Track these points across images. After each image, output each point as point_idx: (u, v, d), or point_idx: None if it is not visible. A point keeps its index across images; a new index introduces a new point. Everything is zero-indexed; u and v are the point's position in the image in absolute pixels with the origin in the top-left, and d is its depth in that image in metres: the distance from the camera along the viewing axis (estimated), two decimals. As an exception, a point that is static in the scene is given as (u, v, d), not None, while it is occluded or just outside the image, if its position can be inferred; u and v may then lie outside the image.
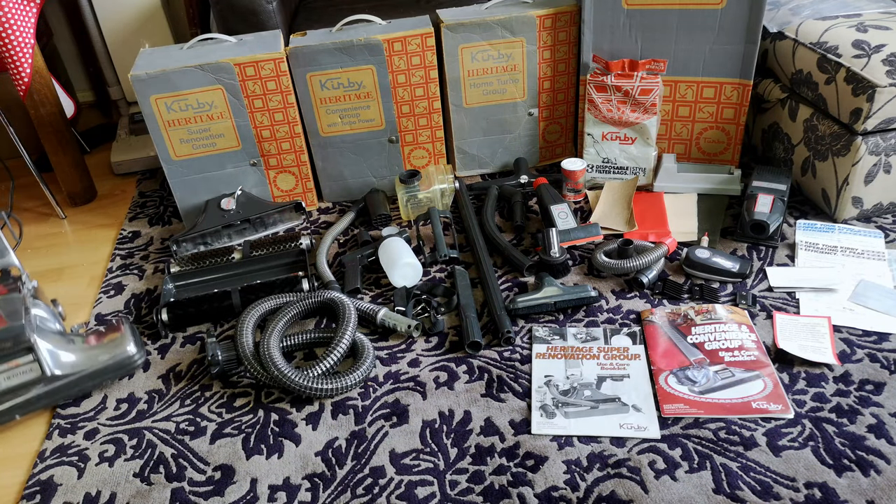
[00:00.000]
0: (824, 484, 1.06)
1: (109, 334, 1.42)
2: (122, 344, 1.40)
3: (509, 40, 1.76)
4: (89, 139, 2.45)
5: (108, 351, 1.39)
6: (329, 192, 1.92)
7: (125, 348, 1.39)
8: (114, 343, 1.40)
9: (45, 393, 1.32)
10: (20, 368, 1.30)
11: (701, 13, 1.63)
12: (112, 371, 1.38)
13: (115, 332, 1.42)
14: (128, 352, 1.39)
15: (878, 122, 1.47)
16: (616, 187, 1.79)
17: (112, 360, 1.37)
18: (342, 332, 1.36)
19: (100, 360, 1.37)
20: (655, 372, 1.28)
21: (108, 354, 1.38)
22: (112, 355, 1.38)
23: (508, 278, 1.56)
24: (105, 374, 1.37)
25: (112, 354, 1.38)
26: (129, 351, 1.39)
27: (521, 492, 1.10)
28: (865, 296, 1.40)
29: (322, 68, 1.71)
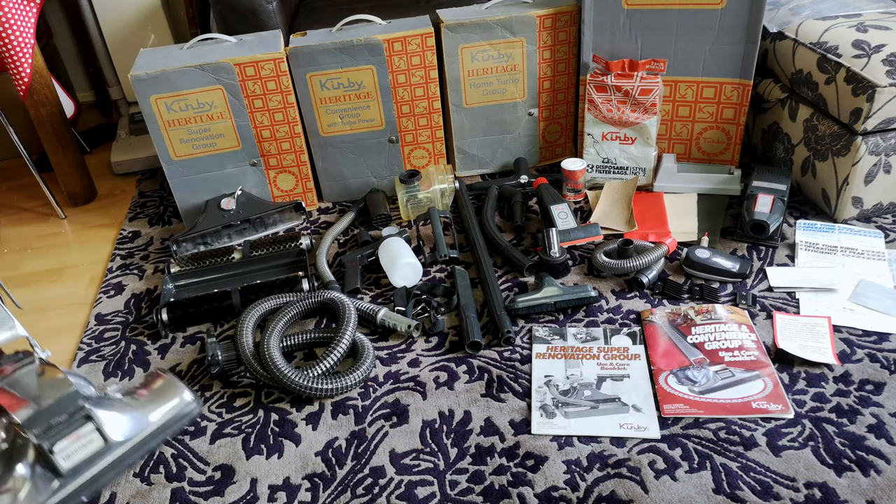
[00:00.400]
0: (824, 484, 1.06)
1: (155, 384, 1.27)
2: (175, 392, 1.25)
3: (509, 40, 1.76)
4: (89, 139, 2.45)
5: (163, 403, 1.23)
6: (329, 192, 1.92)
7: (181, 396, 1.25)
8: (166, 393, 1.25)
9: (112, 464, 1.14)
10: (80, 442, 1.11)
11: (701, 13, 1.63)
12: (174, 423, 1.23)
13: (158, 379, 1.28)
14: (185, 399, 1.25)
15: (878, 122, 1.47)
16: (616, 187, 1.79)
17: (172, 412, 1.22)
18: (342, 332, 1.36)
19: (159, 415, 1.21)
20: (655, 372, 1.28)
21: (166, 406, 1.23)
22: (171, 407, 1.23)
23: (508, 278, 1.56)
24: (168, 429, 1.22)
25: (171, 406, 1.23)
26: (186, 398, 1.25)
27: (521, 492, 1.10)
28: (865, 296, 1.40)
29: (322, 68, 1.71)
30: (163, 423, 1.20)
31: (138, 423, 1.18)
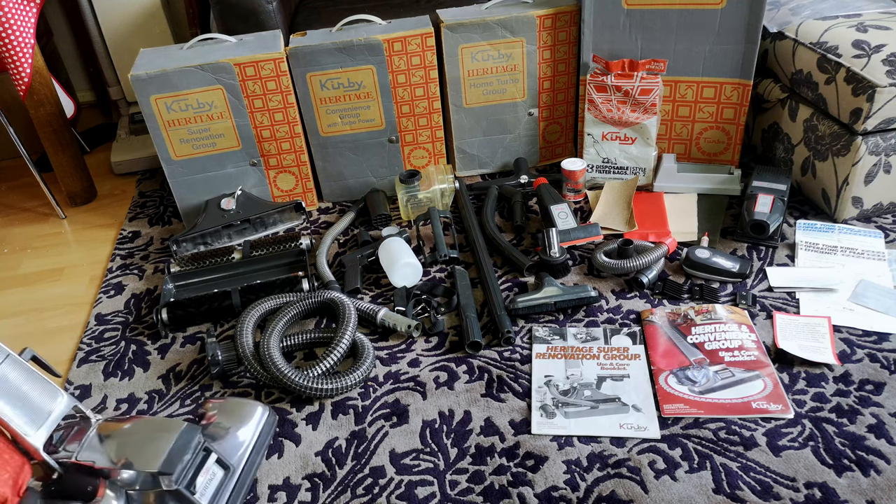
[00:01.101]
0: (824, 484, 1.06)
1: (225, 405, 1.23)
2: (251, 408, 1.21)
3: (509, 40, 1.76)
4: (89, 139, 2.45)
5: (245, 422, 1.19)
6: (329, 192, 1.92)
7: (257, 409, 1.21)
8: (243, 411, 1.21)
9: (234, 490, 1.11)
10: (207, 476, 1.07)
11: (701, 13, 1.63)
12: (264, 438, 1.20)
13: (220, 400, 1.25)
14: (263, 412, 1.22)
15: (878, 122, 1.47)
16: (616, 187, 1.79)
17: (258, 429, 1.19)
18: (342, 331, 1.36)
19: (249, 434, 1.17)
20: (655, 372, 1.28)
21: (251, 425, 1.19)
22: (255, 423, 1.19)
23: (508, 278, 1.56)
24: (262, 445, 1.20)
25: (255, 423, 1.19)
26: (263, 412, 1.22)
27: (521, 492, 1.10)
28: (865, 296, 1.40)
29: (322, 68, 1.71)
30: (255, 441, 1.17)
31: (236, 445, 1.14)
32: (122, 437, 1.08)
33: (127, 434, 1.08)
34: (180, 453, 1.03)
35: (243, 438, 1.16)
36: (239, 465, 1.12)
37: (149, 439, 1.05)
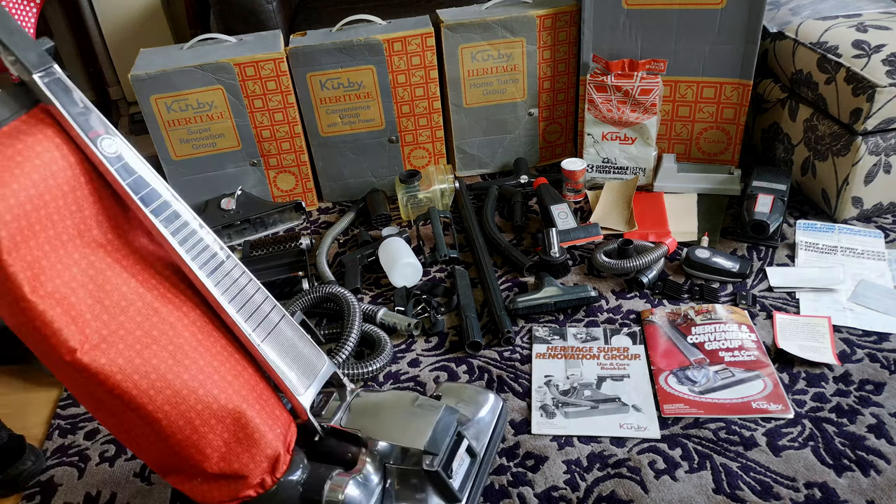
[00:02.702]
0: (824, 484, 1.06)
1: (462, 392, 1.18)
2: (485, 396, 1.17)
3: (509, 40, 1.76)
4: (89, 139, 2.45)
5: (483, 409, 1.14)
6: (329, 192, 1.92)
7: (490, 397, 1.16)
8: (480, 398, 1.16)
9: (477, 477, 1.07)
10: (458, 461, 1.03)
11: (701, 13, 1.63)
12: (500, 428, 1.16)
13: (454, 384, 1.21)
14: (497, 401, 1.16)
15: (878, 122, 1.47)
16: (616, 187, 1.79)
17: (496, 417, 1.14)
18: (350, 325, 1.36)
19: (489, 422, 1.13)
20: (655, 372, 1.28)
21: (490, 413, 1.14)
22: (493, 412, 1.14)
23: (508, 278, 1.56)
24: (499, 436, 1.14)
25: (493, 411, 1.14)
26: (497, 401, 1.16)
27: (521, 492, 1.10)
28: (865, 296, 1.40)
29: (322, 68, 1.71)
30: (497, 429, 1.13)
31: (479, 432, 1.10)
32: (381, 409, 1.06)
33: (386, 408, 1.06)
34: (444, 434, 1.01)
35: (484, 426, 1.12)
36: (482, 453, 1.09)
37: (411, 415, 1.03)
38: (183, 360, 0.88)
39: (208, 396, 0.89)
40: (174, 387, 0.87)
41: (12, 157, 0.81)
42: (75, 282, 0.84)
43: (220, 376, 0.91)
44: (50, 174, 0.83)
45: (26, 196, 0.80)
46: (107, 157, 0.87)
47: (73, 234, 0.85)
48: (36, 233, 0.81)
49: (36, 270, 0.80)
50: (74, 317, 0.82)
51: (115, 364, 0.84)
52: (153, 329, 0.88)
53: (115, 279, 0.87)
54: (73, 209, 0.85)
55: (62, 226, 0.84)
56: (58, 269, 0.83)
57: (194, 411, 0.88)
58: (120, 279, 0.88)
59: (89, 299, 0.84)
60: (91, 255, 0.86)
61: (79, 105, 0.86)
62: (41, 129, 0.84)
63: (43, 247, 0.82)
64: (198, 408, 0.88)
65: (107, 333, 0.84)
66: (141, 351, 0.86)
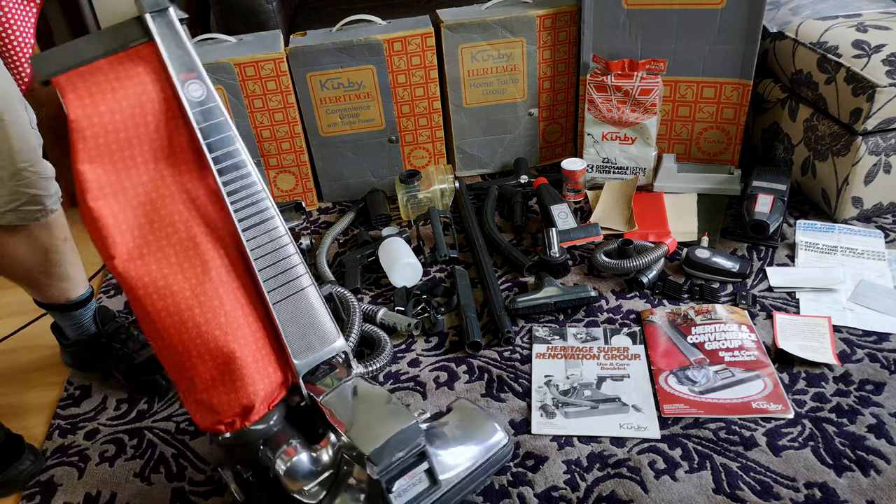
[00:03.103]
0: (824, 484, 1.06)
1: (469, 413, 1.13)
2: (488, 430, 1.10)
3: (509, 40, 1.76)
4: (89, 139, 2.45)
5: (478, 440, 1.08)
6: (329, 192, 1.92)
7: (496, 434, 1.09)
8: (480, 427, 1.10)
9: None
10: (412, 481, 1.00)
11: (701, 13, 1.63)
12: (491, 467, 1.08)
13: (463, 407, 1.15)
14: (501, 439, 1.09)
15: (878, 122, 1.47)
16: (616, 187, 1.79)
17: (489, 454, 1.07)
18: (351, 324, 1.36)
19: (474, 457, 1.07)
20: (655, 372, 1.28)
21: (482, 445, 1.08)
22: (486, 446, 1.08)
23: (508, 278, 1.56)
24: (484, 473, 1.08)
25: (486, 445, 1.08)
26: (501, 438, 1.09)
27: (521, 492, 1.10)
28: (865, 296, 1.40)
29: (322, 68, 1.71)
30: (481, 465, 1.07)
31: (459, 463, 1.05)
32: (362, 402, 1.06)
33: (367, 402, 1.06)
34: (395, 448, 0.98)
35: (466, 457, 1.06)
36: (448, 484, 1.03)
37: (378, 419, 1.02)
38: (200, 296, 0.98)
39: (209, 335, 0.98)
40: (183, 316, 0.97)
41: (108, 83, 0.92)
42: (136, 200, 0.96)
43: (227, 321, 0.99)
44: (138, 104, 0.94)
45: (111, 119, 0.92)
46: (189, 100, 0.97)
47: (148, 159, 0.96)
48: (112, 151, 0.93)
49: (103, 182, 0.93)
50: (123, 230, 0.95)
51: (142, 280, 0.95)
52: (186, 261, 0.98)
53: (171, 207, 0.98)
54: (154, 137, 0.96)
55: (139, 150, 0.95)
56: (124, 185, 0.95)
57: (193, 343, 0.97)
58: (175, 208, 0.98)
59: (142, 218, 0.96)
60: (158, 181, 0.97)
61: (180, 48, 0.96)
62: (143, 64, 0.94)
63: (116, 164, 0.94)
64: (197, 341, 0.97)
65: (146, 251, 0.96)
66: (168, 275, 0.97)
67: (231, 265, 1.01)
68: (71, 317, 1.35)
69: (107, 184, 0.94)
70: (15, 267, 1.21)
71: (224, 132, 1.00)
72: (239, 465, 1.05)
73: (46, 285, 1.27)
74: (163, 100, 0.96)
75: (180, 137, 0.98)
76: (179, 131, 0.98)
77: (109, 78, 0.93)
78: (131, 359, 1.35)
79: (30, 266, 1.22)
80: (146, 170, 0.97)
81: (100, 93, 0.92)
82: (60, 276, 1.28)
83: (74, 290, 1.32)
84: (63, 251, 1.26)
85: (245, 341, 1.01)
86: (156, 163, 0.97)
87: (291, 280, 1.05)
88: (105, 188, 0.94)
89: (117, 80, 0.93)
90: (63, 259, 1.26)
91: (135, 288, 0.95)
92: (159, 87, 0.96)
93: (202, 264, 0.99)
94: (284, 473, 1.01)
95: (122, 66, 0.94)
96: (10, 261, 1.20)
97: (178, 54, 0.96)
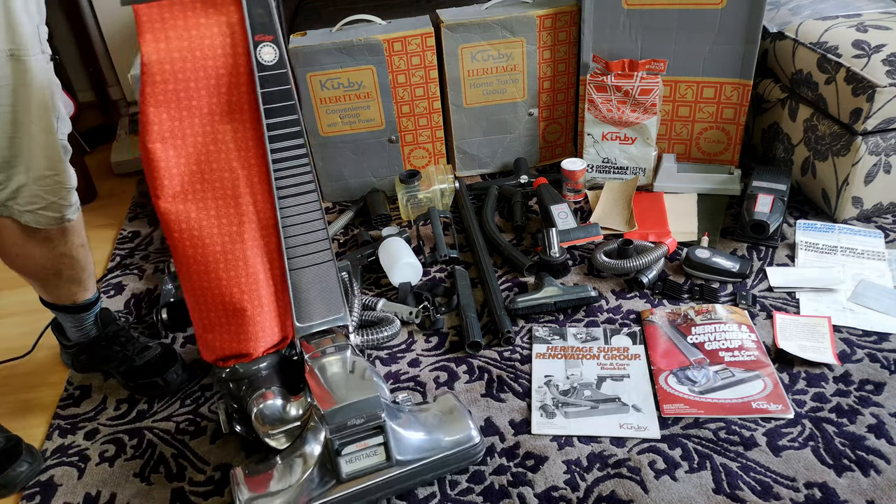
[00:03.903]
0: (824, 484, 1.06)
1: (445, 406, 1.16)
2: (462, 426, 1.12)
3: (509, 40, 1.76)
4: (89, 139, 2.45)
5: (449, 433, 1.11)
6: (329, 192, 1.92)
7: (468, 433, 1.12)
8: (454, 423, 1.13)
9: (388, 482, 1.07)
10: (366, 451, 1.06)
11: (701, 13, 1.63)
12: (454, 462, 1.11)
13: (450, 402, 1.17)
14: (472, 438, 1.12)
15: (878, 122, 1.47)
16: (616, 187, 1.79)
17: (456, 449, 1.10)
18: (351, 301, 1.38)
19: (442, 447, 1.10)
20: (655, 372, 1.28)
21: (451, 439, 1.11)
22: (455, 440, 1.11)
23: (508, 278, 1.56)
24: (446, 466, 1.11)
25: (455, 439, 1.11)
26: (473, 437, 1.12)
27: (521, 492, 1.10)
28: (865, 296, 1.40)
29: (322, 68, 1.71)
30: (444, 456, 1.10)
31: (422, 449, 1.09)
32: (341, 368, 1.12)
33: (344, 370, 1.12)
34: (350, 413, 1.04)
35: (427, 448, 1.10)
36: (404, 466, 1.07)
37: (345, 386, 1.08)
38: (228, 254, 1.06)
39: (227, 290, 1.07)
40: (209, 267, 1.06)
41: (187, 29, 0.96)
42: (193, 147, 1.01)
43: (247, 281, 1.08)
44: (212, 55, 0.98)
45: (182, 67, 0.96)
46: (258, 62, 1.00)
47: (214, 111, 1.01)
48: (179, 98, 0.98)
49: (164, 127, 0.98)
50: (173, 174, 1.00)
51: (180, 224, 1.03)
52: (224, 217, 1.05)
53: (224, 162, 1.03)
54: (222, 91, 1.00)
55: (206, 100, 1.00)
56: (184, 132, 1.00)
57: (212, 293, 1.07)
58: (226, 164, 1.04)
59: (194, 166, 1.02)
60: (217, 134, 1.02)
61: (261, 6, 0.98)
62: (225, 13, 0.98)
63: (181, 111, 0.99)
64: (215, 292, 1.07)
65: (190, 198, 1.03)
66: (204, 226, 1.04)
67: (264, 227, 1.08)
68: (74, 318, 1.35)
69: (168, 129, 0.98)
70: (28, 265, 1.22)
71: (287, 100, 1.03)
72: (231, 399, 1.16)
73: (56, 286, 1.28)
74: (235, 55, 0.99)
75: (245, 96, 1.02)
76: (245, 89, 1.02)
77: (189, 23, 0.95)
78: (131, 361, 1.35)
79: (43, 266, 1.23)
80: (209, 121, 1.01)
81: (176, 38, 0.95)
82: (72, 279, 1.28)
83: (83, 294, 1.32)
84: (77, 257, 1.26)
85: (258, 301, 1.10)
86: (220, 115, 1.01)
87: (314, 252, 1.12)
88: (165, 132, 0.98)
89: (196, 28, 0.96)
90: (76, 264, 1.27)
91: (173, 229, 1.03)
92: (235, 41, 0.98)
93: (238, 223, 1.06)
94: (255, 414, 1.10)
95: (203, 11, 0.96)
96: (24, 259, 1.20)
97: (259, 14, 0.98)
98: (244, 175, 1.05)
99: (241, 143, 1.04)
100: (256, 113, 1.03)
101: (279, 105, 1.03)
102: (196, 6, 0.96)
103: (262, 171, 1.06)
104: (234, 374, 1.13)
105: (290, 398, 1.13)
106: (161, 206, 1.01)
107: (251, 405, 1.11)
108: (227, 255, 1.06)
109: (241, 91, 1.02)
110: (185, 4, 0.95)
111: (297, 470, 1.05)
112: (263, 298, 1.10)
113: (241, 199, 1.05)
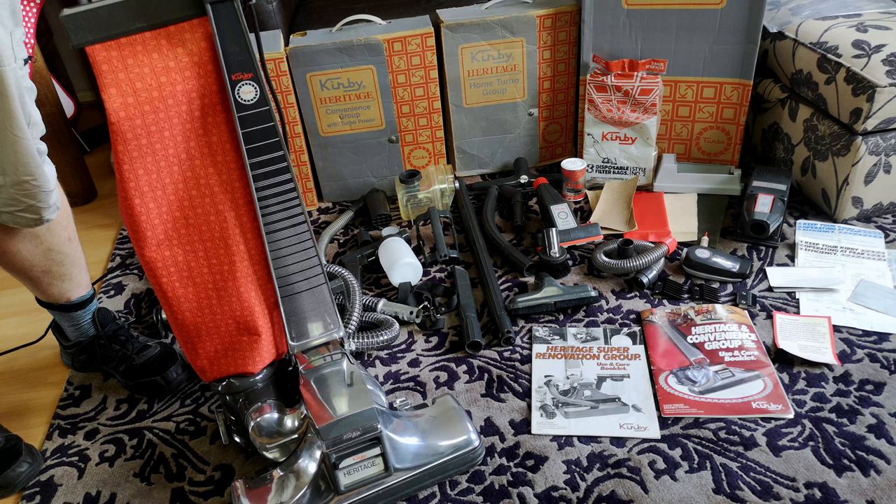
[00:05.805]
0: (824, 484, 1.06)
1: (442, 409, 1.17)
2: (461, 430, 1.12)
3: (509, 40, 1.76)
4: (89, 139, 2.45)
5: (447, 438, 1.11)
6: (329, 192, 1.92)
7: (467, 436, 1.12)
8: (452, 427, 1.12)
9: (387, 492, 1.07)
10: (364, 463, 1.05)
11: (701, 13, 1.63)
12: (454, 468, 1.11)
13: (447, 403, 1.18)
14: (471, 442, 1.11)
15: (878, 122, 1.47)
16: (616, 187, 1.79)
17: (455, 453, 1.10)
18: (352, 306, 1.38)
19: (441, 452, 1.10)
20: (655, 372, 1.28)
21: (449, 444, 1.11)
22: (454, 445, 1.11)
23: (508, 278, 1.56)
24: (446, 472, 1.11)
25: (454, 444, 1.11)
26: (473, 441, 1.12)
27: (521, 492, 1.10)
28: (865, 296, 1.40)
29: (322, 68, 1.71)
30: (443, 462, 1.10)
31: (421, 456, 1.09)
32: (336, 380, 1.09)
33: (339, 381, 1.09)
34: (345, 427, 1.02)
35: (425, 453, 1.09)
36: (403, 475, 1.07)
37: (340, 398, 1.06)
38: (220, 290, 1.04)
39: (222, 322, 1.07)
40: (201, 304, 1.04)
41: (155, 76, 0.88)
42: (174, 195, 0.97)
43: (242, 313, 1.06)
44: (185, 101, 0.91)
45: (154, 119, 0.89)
46: (237, 102, 0.93)
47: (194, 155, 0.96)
48: (155, 151, 0.93)
49: (142, 182, 0.94)
50: (156, 224, 0.97)
51: (167, 267, 1.00)
52: (213, 256, 1.03)
53: (208, 202, 0.99)
54: (200, 133, 0.95)
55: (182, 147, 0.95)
56: (163, 182, 0.95)
57: (205, 326, 1.06)
58: (210, 204, 1.00)
59: (177, 212, 0.98)
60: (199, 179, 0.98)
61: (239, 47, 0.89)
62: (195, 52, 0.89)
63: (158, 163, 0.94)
64: (209, 325, 1.06)
65: (176, 241, 1.00)
66: (193, 265, 1.02)
67: (255, 262, 1.06)
68: (70, 317, 1.35)
69: (145, 183, 0.94)
70: (15, 263, 1.21)
71: (270, 138, 0.97)
72: (229, 412, 1.16)
73: (47, 284, 1.27)
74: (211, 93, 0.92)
75: (226, 135, 0.97)
76: (225, 128, 0.97)
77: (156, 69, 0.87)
78: (131, 360, 1.35)
79: (30, 263, 1.22)
80: (189, 166, 0.96)
81: (145, 89, 0.87)
82: (62, 275, 1.27)
83: (76, 291, 1.32)
84: (65, 251, 1.25)
85: (255, 330, 1.08)
86: (201, 158, 0.97)
87: (307, 279, 1.09)
88: (143, 187, 0.94)
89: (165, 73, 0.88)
90: (65, 259, 1.26)
91: (160, 275, 1.00)
92: (208, 81, 0.91)
93: (229, 262, 1.03)
94: (252, 428, 1.10)
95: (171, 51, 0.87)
96: (10, 257, 1.20)
97: (234, 51, 0.89)
98: (233, 216, 1.01)
99: (227, 184, 0.99)
100: (239, 151, 0.98)
101: (263, 143, 0.97)
102: (161, 45, 0.86)
103: (251, 210, 1.02)
104: (230, 387, 1.12)
105: (286, 411, 1.12)
106: (146, 255, 0.98)
107: (248, 419, 1.11)
108: (219, 292, 1.04)
109: (221, 130, 0.96)
110: (147, 44, 0.86)
111: (295, 483, 1.05)
112: (261, 328, 1.09)
113: (230, 240, 1.02)
